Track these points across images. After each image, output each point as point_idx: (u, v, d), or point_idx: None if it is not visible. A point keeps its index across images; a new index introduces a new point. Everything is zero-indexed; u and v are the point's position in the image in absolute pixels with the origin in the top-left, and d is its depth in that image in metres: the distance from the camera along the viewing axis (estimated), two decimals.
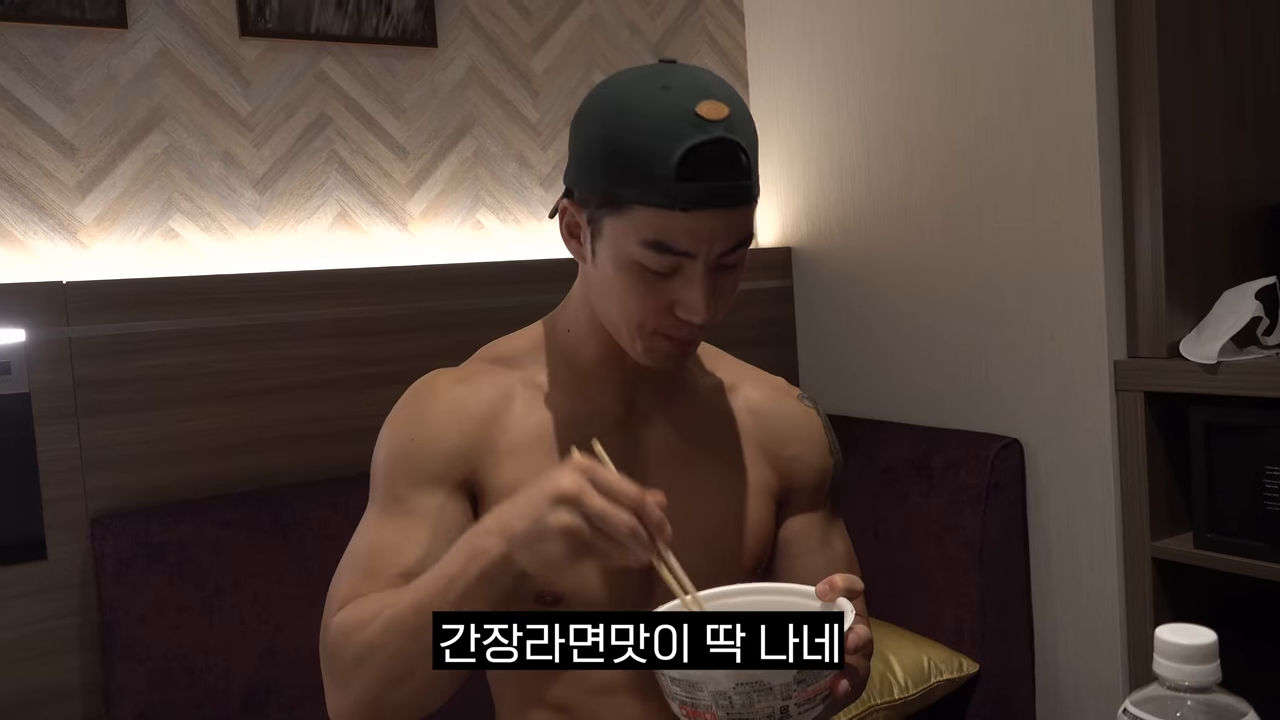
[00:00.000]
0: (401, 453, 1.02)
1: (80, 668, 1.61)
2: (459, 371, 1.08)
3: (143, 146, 1.76)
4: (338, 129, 1.93)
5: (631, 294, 0.94)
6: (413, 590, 0.90)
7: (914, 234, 2.03)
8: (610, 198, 0.91)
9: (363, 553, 1.00)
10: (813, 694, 0.80)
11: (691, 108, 0.88)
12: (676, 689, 0.81)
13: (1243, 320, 1.59)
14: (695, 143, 0.87)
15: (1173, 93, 1.67)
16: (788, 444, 1.12)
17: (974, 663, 1.82)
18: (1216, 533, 1.60)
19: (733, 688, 0.78)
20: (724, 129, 0.88)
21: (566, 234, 1.00)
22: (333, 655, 0.95)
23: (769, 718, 0.79)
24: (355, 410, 1.83)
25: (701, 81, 0.91)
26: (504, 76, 2.10)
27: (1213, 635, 0.68)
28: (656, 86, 0.90)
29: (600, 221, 0.93)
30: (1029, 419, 1.86)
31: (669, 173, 0.87)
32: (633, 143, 0.88)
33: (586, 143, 0.93)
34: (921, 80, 2.01)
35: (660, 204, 0.88)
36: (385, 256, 1.98)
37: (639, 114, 0.88)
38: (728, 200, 0.90)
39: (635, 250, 0.91)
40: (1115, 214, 1.71)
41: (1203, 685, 0.68)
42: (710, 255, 0.92)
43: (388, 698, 0.93)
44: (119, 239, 1.75)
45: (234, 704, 1.59)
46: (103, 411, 1.64)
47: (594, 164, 0.92)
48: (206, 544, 1.60)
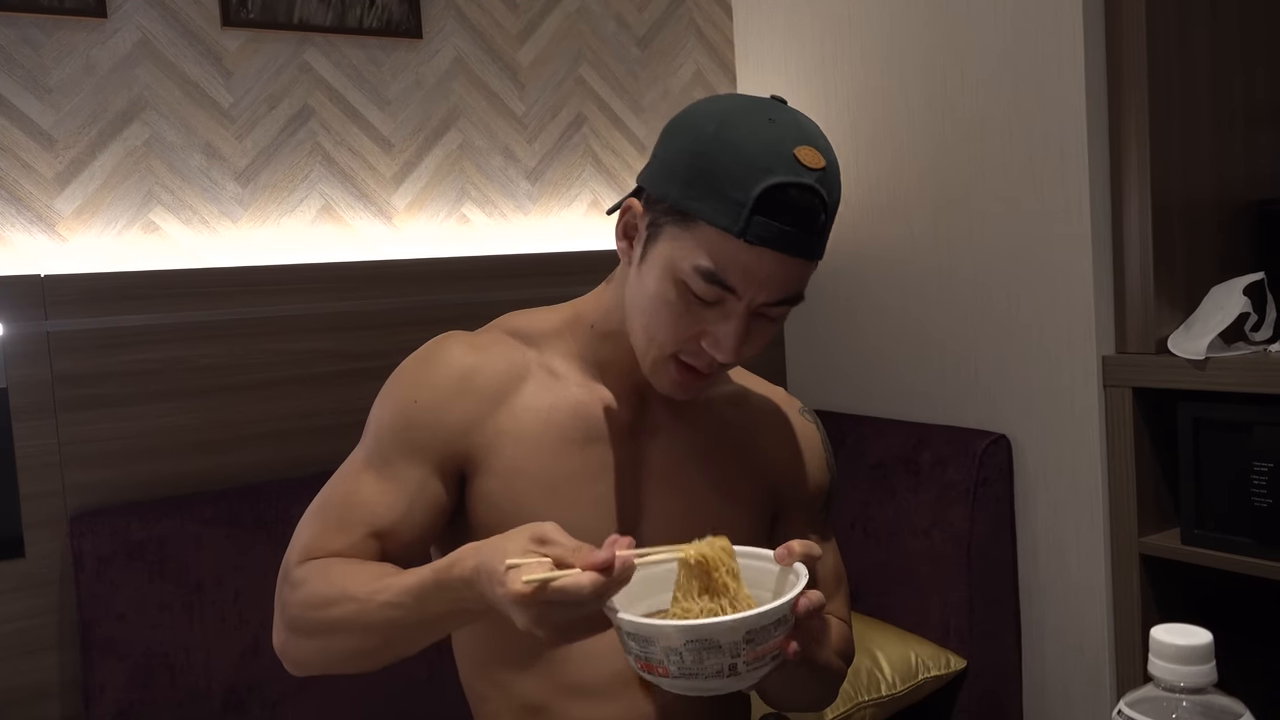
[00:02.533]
0: (402, 415, 1.01)
1: (59, 666, 1.59)
2: (476, 338, 1.06)
3: (123, 138, 1.73)
4: (321, 121, 1.91)
5: (666, 311, 0.92)
6: (381, 600, 0.89)
7: (902, 229, 2.03)
8: (680, 208, 0.89)
9: (338, 501, 1.00)
10: (762, 653, 0.81)
11: (792, 148, 0.87)
12: (632, 643, 0.83)
13: (1231, 316, 1.59)
14: (784, 181, 0.85)
15: (1161, 88, 1.66)
16: (789, 460, 1.11)
17: (961, 659, 1.82)
18: (1204, 529, 1.60)
19: (683, 644, 0.79)
20: (816, 179, 0.87)
21: (621, 232, 0.98)
22: (290, 609, 0.96)
23: (718, 674, 0.81)
24: (339, 406, 1.81)
25: (808, 129, 0.90)
26: (490, 69, 2.08)
27: (1208, 636, 0.68)
28: (764, 117, 0.88)
29: (661, 228, 0.91)
30: (1017, 415, 1.86)
31: (747, 200, 0.85)
32: (722, 161, 0.87)
33: (676, 149, 0.91)
34: (910, 75, 2.00)
35: (727, 227, 0.86)
36: (369, 250, 1.96)
37: (738, 136, 0.87)
38: (794, 248, 0.88)
39: (686, 270, 0.89)
40: (1104, 210, 1.71)
41: (1198, 686, 0.67)
42: (756, 301, 0.90)
43: (338, 666, 0.97)
44: (98, 232, 1.72)
45: (215, 702, 1.57)
46: (82, 407, 1.61)
47: (676, 171, 0.90)
48: (187, 541, 1.58)
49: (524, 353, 1.05)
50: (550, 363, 1.05)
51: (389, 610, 0.88)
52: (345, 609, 0.91)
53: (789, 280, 0.90)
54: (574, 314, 1.07)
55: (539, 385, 1.03)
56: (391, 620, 0.89)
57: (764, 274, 0.88)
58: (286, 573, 0.98)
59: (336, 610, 0.91)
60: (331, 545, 0.98)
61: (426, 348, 1.06)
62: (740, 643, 0.79)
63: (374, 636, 0.91)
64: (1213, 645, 0.67)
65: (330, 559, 0.97)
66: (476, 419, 1.00)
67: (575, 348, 1.05)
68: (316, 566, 0.96)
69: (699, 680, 0.81)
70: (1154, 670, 0.68)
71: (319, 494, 1.03)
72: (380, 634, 0.90)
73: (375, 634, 0.90)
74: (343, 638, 0.92)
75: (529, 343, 1.06)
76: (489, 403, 1.01)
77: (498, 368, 1.03)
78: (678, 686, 0.83)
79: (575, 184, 2.20)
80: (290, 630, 0.97)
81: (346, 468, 1.03)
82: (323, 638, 0.94)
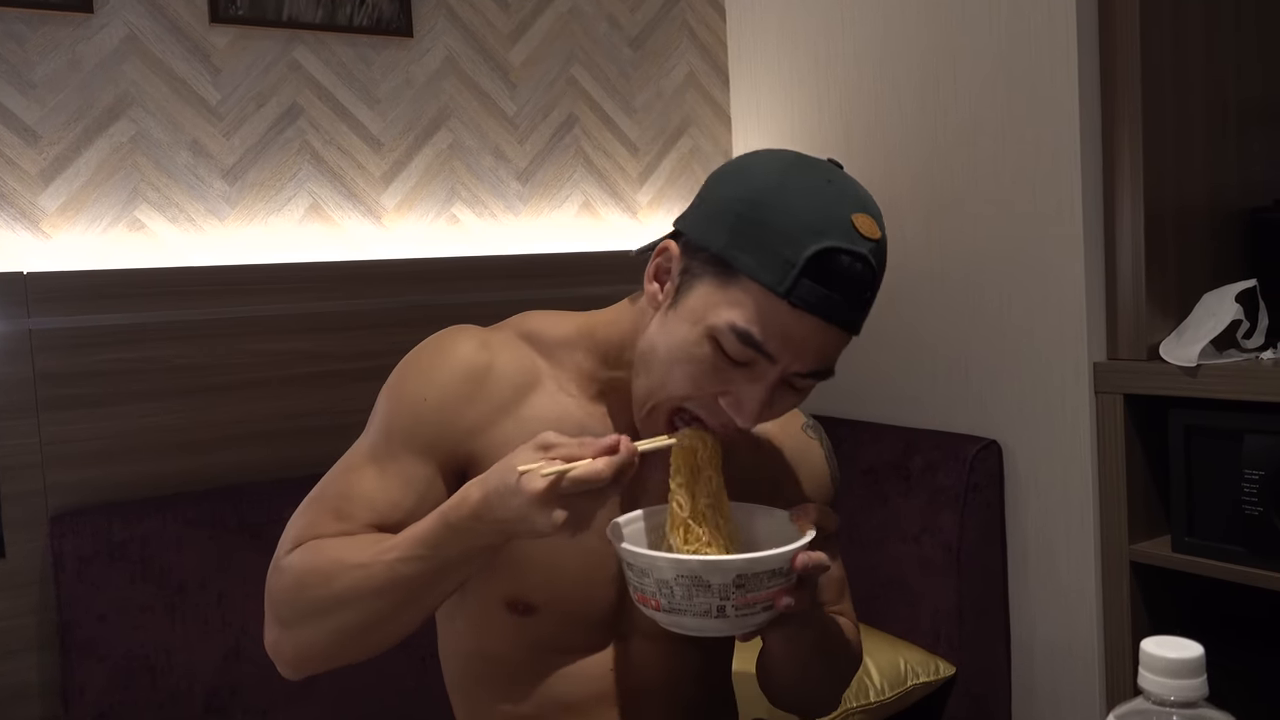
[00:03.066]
0: (411, 411, 0.99)
1: (38, 667, 1.57)
2: (488, 337, 1.03)
3: (108, 134, 1.72)
4: (310, 119, 1.89)
5: (691, 365, 0.88)
6: (387, 555, 0.89)
7: (894, 233, 2.01)
8: (723, 257, 0.85)
9: (337, 493, 0.98)
10: (752, 601, 0.82)
11: (850, 213, 0.83)
12: (630, 573, 0.86)
13: (1223, 323, 1.58)
14: (837, 246, 0.82)
15: (1155, 94, 1.66)
16: (791, 481, 1.09)
17: (951, 665, 1.81)
18: (1195, 536, 1.59)
19: (674, 579, 0.82)
20: (870, 249, 0.84)
21: (652, 275, 0.93)
22: (282, 598, 0.95)
23: (706, 614, 0.82)
24: (324, 407, 1.79)
25: (865, 197, 0.87)
26: (481, 68, 2.07)
27: (1199, 649, 0.66)
28: (822, 178, 0.85)
29: (698, 278, 0.87)
30: (1008, 421, 1.85)
31: (797, 260, 0.82)
32: (775, 215, 0.83)
33: (724, 198, 0.87)
34: (903, 79, 1.99)
35: (771, 286, 0.82)
36: (358, 250, 1.94)
37: (794, 193, 0.84)
38: (837, 316, 0.84)
39: (720, 327, 0.85)
40: (1096, 216, 1.70)
41: (1189, 700, 0.66)
42: (789, 369, 0.87)
43: (336, 648, 0.94)
44: (83, 229, 1.70)
45: (196, 705, 1.55)
46: (64, 406, 1.60)
47: (723, 219, 0.86)
48: (170, 542, 1.57)
49: (535, 360, 1.02)
50: (559, 375, 1.02)
51: (399, 567, 0.87)
52: (348, 578, 0.89)
53: (825, 350, 0.87)
54: (589, 329, 1.03)
55: (548, 397, 1.01)
56: (401, 578, 0.87)
57: (801, 339, 0.84)
58: (275, 563, 0.96)
59: (338, 583, 0.89)
60: (325, 535, 0.96)
61: (437, 342, 1.03)
62: (730, 585, 0.81)
63: (383, 601, 0.89)
64: (1204, 658, 0.66)
65: (321, 539, 0.95)
66: (484, 424, 0.98)
67: (586, 365, 1.02)
68: (308, 548, 0.94)
69: (687, 617, 0.83)
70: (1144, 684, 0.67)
71: (315, 487, 1.01)
72: (389, 597, 0.89)
73: (384, 598, 0.89)
74: (347, 612, 0.90)
75: (542, 351, 1.03)
76: (498, 409, 0.99)
77: (509, 372, 1.00)
78: (668, 622, 0.85)
79: (566, 185, 2.19)
80: (283, 623, 0.94)
81: (347, 461, 1.01)
82: (323, 618, 0.91)
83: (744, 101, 2.39)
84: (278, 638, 0.96)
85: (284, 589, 0.94)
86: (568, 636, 1.03)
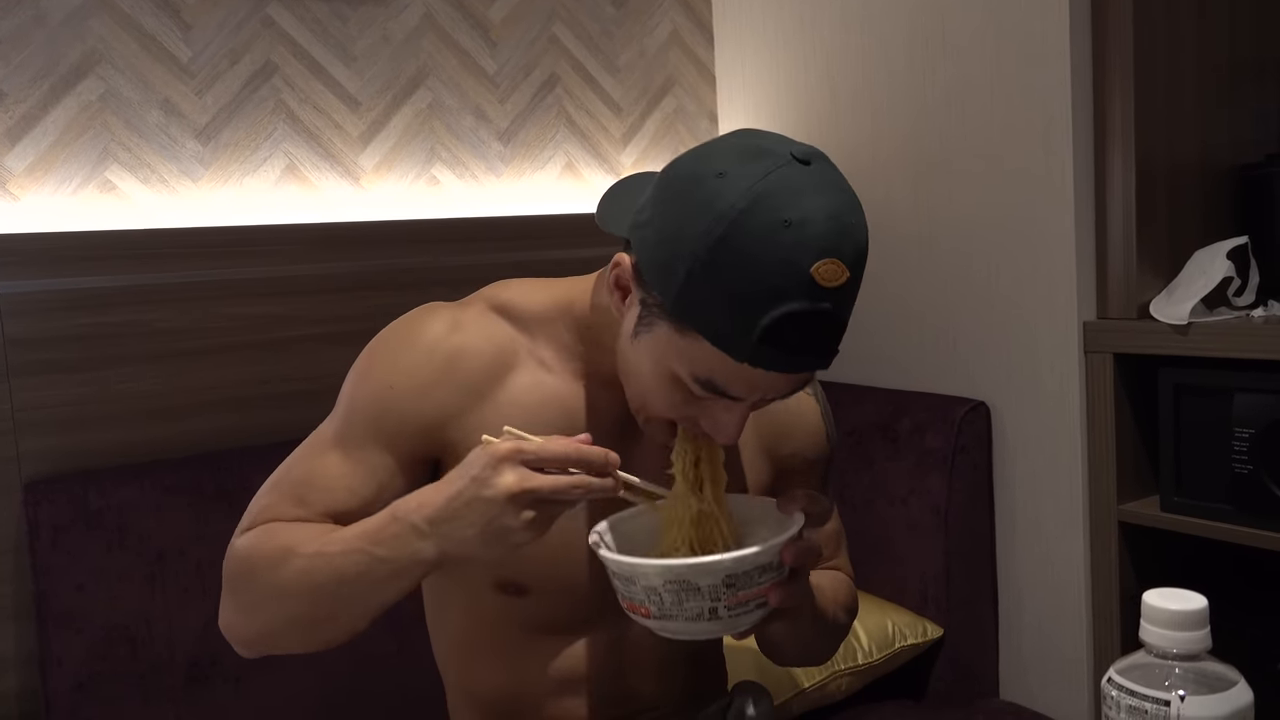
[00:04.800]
0: (376, 398, 0.94)
1: (14, 638, 1.54)
2: (460, 314, 0.98)
3: (76, 93, 1.67)
4: (285, 77, 1.84)
5: (661, 396, 0.85)
6: (331, 548, 0.85)
7: (881, 194, 1.99)
8: (675, 313, 0.79)
9: (298, 477, 0.95)
10: (744, 599, 0.79)
11: (809, 265, 0.74)
12: (617, 582, 0.83)
13: (1214, 281, 1.57)
14: (795, 310, 0.75)
15: (1147, 50, 1.63)
16: (786, 440, 1.06)
17: (938, 627, 1.81)
18: (1184, 496, 1.59)
19: (662, 585, 0.78)
20: (833, 301, 0.76)
21: (612, 283, 0.87)
22: (236, 579, 0.92)
23: (698, 618, 0.79)
24: (303, 372, 1.76)
25: (832, 221, 0.76)
26: (460, 25, 2.02)
27: (1203, 600, 0.65)
28: (778, 221, 0.74)
29: (655, 320, 0.82)
30: (996, 381, 1.83)
31: (754, 330, 0.75)
32: (726, 280, 0.75)
33: (672, 240, 0.79)
34: (890, 36, 1.95)
35: (730, 354, 0.77)
36: (336, 212, 1.90)
37: (746, 252, 0.75)
38: (802, 368, 0.80)
39: (682, 373, 0.81)
40: (1086, 174, 1.68)
41: (1192, 653, 0.64)
42: (760, 401, 0.84)
43: (284, 637, 0.92)
44: (51, 190, 1.66)
45: (178, 675, 1.53)
46: (36, 371, 1.56)
47: (672, 271, 0.78)
48: (147, 510, 1.54)
49: (512, 336, 0.98)
50: (538, 352, 0.98)
51: (340, 560, 0.84)
52: (293, 567, 0.86)
53: (797, 383, 0.83)
54: (566, 302, 0.98)
55: (528, 377, 0.96)
56: (343, 574, 0.84)
57: (768, 386, 0.81)
58: (232, 543, 0.94)
59: (283, 571, 0.86)
60: (283, 520, 0.93)
61: (406, 324, 0.98)
62: (720, 586, 0.78)
63: (324, 595, 0.85)
64: (1207, 611, 0.65)
65: (275, 524, 0.92)
66: (456, 411, 0.94)
67: (566, 338, 0.98)
68: (261, 531, 0.91)
69: (679, 622, 0.80)
70: (1146, 636, 0.66)
71: (278, 468, 0.98)
72: (330, 593, 0.85)
73: (325, 592, 0.85)
74: (290, 602, 0.87)
75: (518, 325, 0.98)
76: (471, 394, 0.95)
77: (483, 353, 0.96)
78: (660, 628, 0.83)
79: (549, 146, 2.15)
80: (234, 604, 0.92)
81: (311, 444, 0.98)
82: (269, 605, 0.89)
83: (729, 60, 2.35)
84: (230, 617, 0.94)
85: (234, 570, 0.92)
86: (559, 615, 1.01)
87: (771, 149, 0.79)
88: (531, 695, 1.02)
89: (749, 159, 0.78)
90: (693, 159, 0.82)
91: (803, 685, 1.64)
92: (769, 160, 0.77)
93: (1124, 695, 0.65)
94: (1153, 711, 0.63)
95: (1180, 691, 0.63)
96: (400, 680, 1.64)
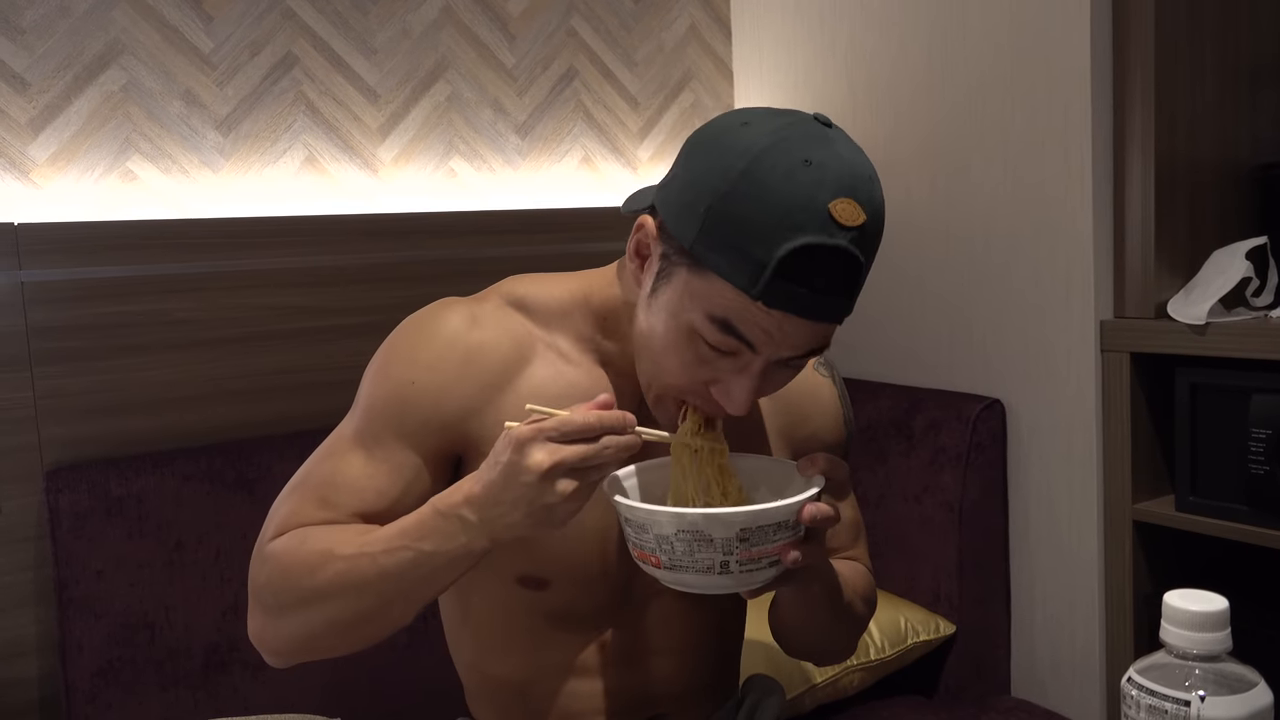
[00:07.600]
0: (397, 396, 0.94)
1: (35, 623, 1.56)
2: (477, 309, 0.98)
3: (99, 83, 1.68)
4: (305, 69, 1.85)
5: (675, 355, 0.85)
6: (374, 548, 0.86)
7: (899, 191, 1.99)
8: (695, 254, 0.80)
9: (322, 479, 0.95)
10: (757, 555, 0.79)
11: (827, 201, 0.76)
12: (628, 529, 0.82)
13: (1232, 281, 1.56)
14: (812, 243, 0.75)
15: (1167, 50, 1.62)
16: (803, 424, 1.07)
17: (951, 624, 1.81)
18: (1199, 496, 1.59)
19: (674, 534, 0.78)
20: (850, 239, 0.77)
21: (633, 251, 0.89)
22: (267, 586, 0.91)
23: (708, 570, 0.79)
24: (321, 362, 1.77)
25: (850, 168, 0.78)
26: (479, 19, 2.03)
27: (1224, 602, 0.65)
28: (799, 159, 0.77)
29: (675, 268, 0.83)
30: (1012, 379, 1.83)
31: (769, 260, 0.76)
32: (745, 211, 0.77)
33: (696, 181, 0.81)
34: (910, 33, 1.95)
35: (744, 288, 0.77)
36: (354, 203, 1.91)
37: (766, 182, 0.76)
38: (817, 313, 0.80)
39: (698, 319, 0.81)
40: (1105, 173, 1.68)
41: (1213, 654, 0.65)
42: (775, 356, 0.83)
43: (323, 641, 0.91)
44: (74, 179, 1.67)
45: (196, 662, 1.55)
46: (58, 360, 1.57)
47: (693, 211, 0.80)
48: (167, 498, 1.55)
49: (529, 330, 0.98)
50: (556, 343, 0.98)
51: (384, 560, 0.84)
52: (333, 570, 0.86)
53: (812, 337, 0.83)
54: (583, 294, 0.99)
55: (547, 368, 0.97)
56: (386, 572, 0.84)
57: (783, 335, 0.81)
58: (259, 550, 0.93)
59: (322, 575, 0.86)
60: (310, 523, 0.93)
61: (422, 319, 0.99)
62: (734, 540, 0.78)
63: (368, 595, 0.86)
64: (1228, 612, 0.65)
65: (307, 528, 0.92)
66: (477, 405, 0.95)
67: (584, 329, 0.99)
68: (292, 536, 0.91)
69: (689, 574, 0.80)
70: (1166, 637, 0.66)
71: (300, 469, 0.97)
72: (375, 591, 0.85)
73: (369, 592, 0.86)
74: (332, 605, 0.87)
75: (535, 319, 0.99)
76: (491, 388, 0.95)
77: (501, 347, 0.96)
78: (669, 579, 0.82)
79: (566, 139, 2.15)
80: (267, 612, 0.92)
81: (333, 443, 0.97)
82: (307, 610, 0.89)
83: (746, 56, 2.35)
84: (262, 626, 0.93)
85: (268, 578, 0.91)
86: (579, 607, 1.02)
87: (795, 111, 0.83)
88: (549, 685, 1.03)
89: (774, 115, 0.82)
90: (717, 120, 0.85)
91: (815, 680, 1.64)
92: (793, 116, 0.82)
93: (1144, 695, 0.66)
94: (1173, 711, 0.64)
95: (1200, 692, 0.63)
96: (415, 668, 1.66)
